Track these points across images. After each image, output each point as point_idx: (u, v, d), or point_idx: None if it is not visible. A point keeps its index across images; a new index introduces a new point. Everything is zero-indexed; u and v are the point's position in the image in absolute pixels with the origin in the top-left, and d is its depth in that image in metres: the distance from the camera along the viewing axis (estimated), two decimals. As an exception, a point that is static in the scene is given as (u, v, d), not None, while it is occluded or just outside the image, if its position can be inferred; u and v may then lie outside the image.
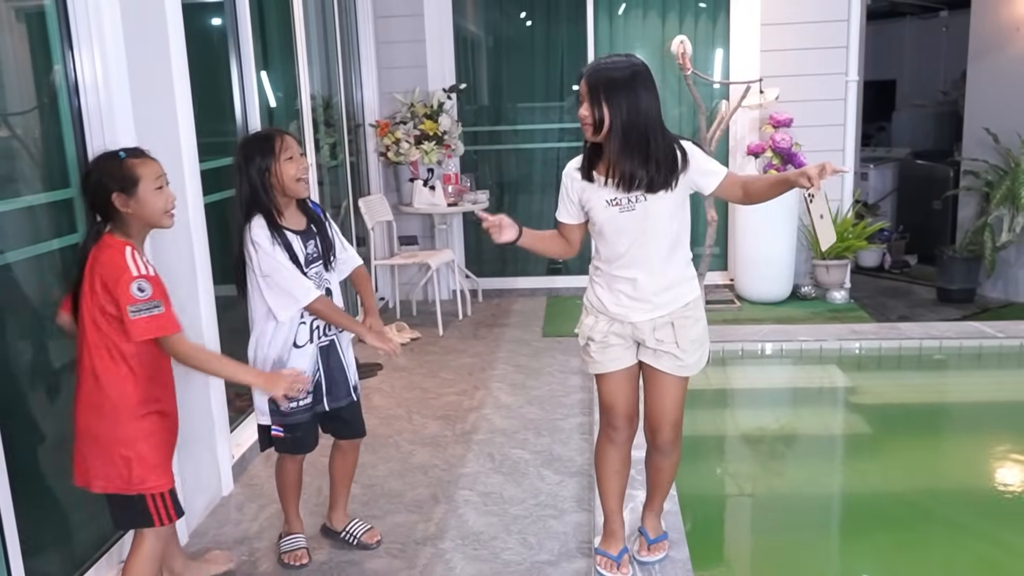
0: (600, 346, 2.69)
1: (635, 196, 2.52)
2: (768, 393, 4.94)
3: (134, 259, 2.26)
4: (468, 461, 3.79)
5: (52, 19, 2.69)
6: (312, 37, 5.33)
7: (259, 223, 2.70)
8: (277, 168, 2.68)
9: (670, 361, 2.64)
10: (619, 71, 2.49)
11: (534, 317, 6.16)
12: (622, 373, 2.72)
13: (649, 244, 2.57)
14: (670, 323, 2.62)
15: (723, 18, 6.38)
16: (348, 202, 5.92)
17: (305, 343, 2.81)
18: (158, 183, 2.33)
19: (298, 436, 2.89)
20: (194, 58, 3.35)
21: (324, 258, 2.84)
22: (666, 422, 2.73)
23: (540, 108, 6.85)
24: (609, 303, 2.66)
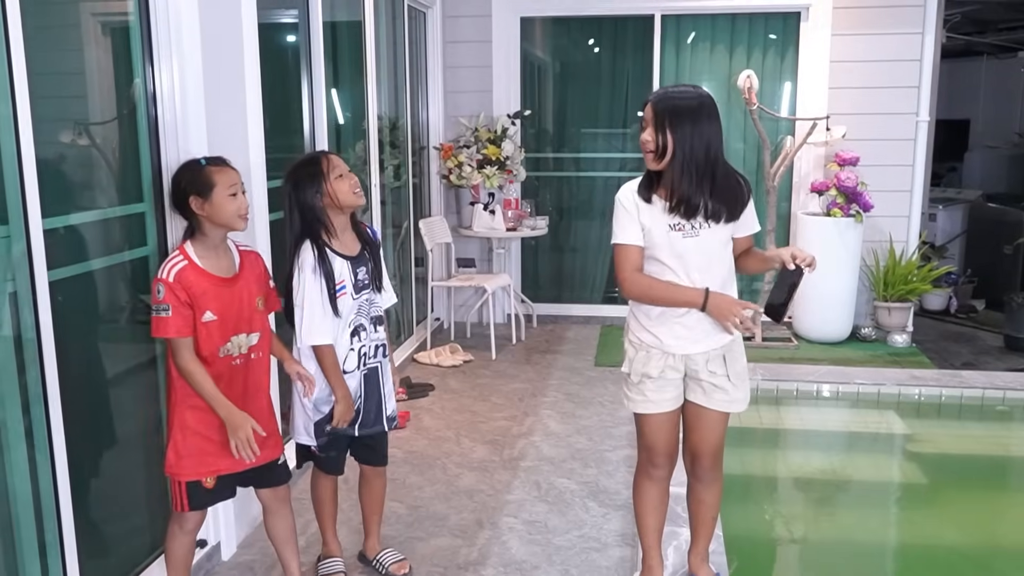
0: (658, 384, 2.65)
1: (697, 223, 2.54)
2: (822, 436, 4.84)
3: (170, 263, 2.46)
4: (514, 488, 3.80)
5: (136, 32, 2.80)
6: (382, 60, 5.44)
7: (307, 249, 2.73)
8: (329, 187, 2.72)
9: (722, 397, 2.64)
10: (686, 100, 2.51)
11: (587, 345, 6.16)
12: (670, 415, 2.71)
13: (709, 272, 2.58)
14: (722, 355, 2.63)
15: (792, 54, 6.34)
16: (409, 223, 6.01)
17: (353, 369, 2.84)
18: (232, 190, 2.51)
19: (331, 456, 2.92)
20: (267, 76, 3.46)
21: (375, 283, 2.87)
22: (708, 452, 2.73)
23: (603, 136, 6.88)
24: (664, 335, 2.63)
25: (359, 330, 2.83)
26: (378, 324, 2.90)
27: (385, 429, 2.95)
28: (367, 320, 2.85)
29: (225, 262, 2.58)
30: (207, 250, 2.53)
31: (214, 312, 2.49)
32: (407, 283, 6.11)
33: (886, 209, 6.01)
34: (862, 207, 5.78)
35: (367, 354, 2.86)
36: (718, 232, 2.56)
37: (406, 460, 4.11)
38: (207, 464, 2.55)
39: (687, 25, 6.47)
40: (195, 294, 2.45)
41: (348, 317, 2.79)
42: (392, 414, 2.98)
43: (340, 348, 2.79)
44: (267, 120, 3.45)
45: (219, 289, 2.51)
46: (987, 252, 7.54)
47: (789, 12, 6.28)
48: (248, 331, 2.60)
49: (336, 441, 2.89)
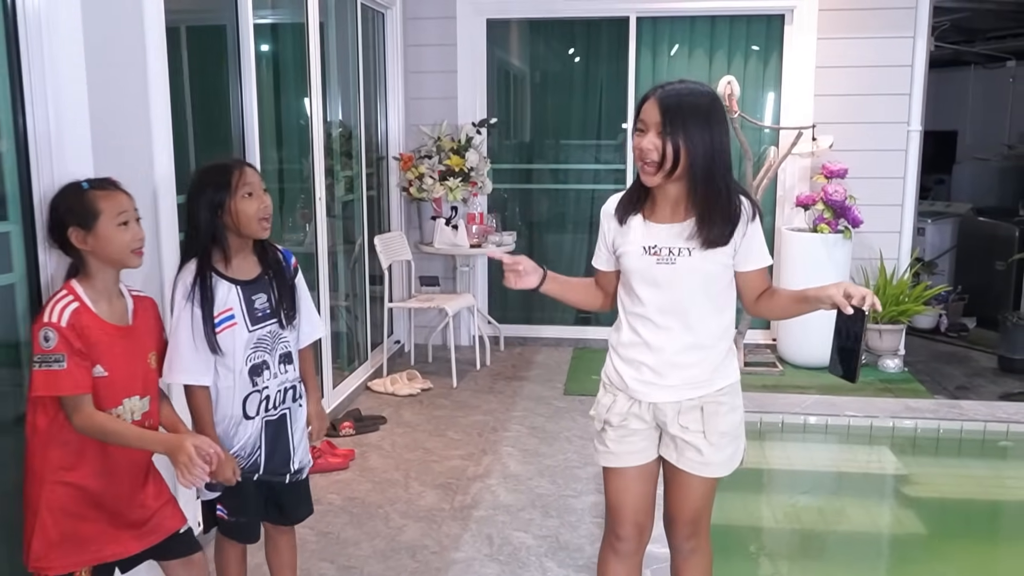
0: (619, 433, 2.25)
1: (680, 248, 2.10)
2: (809, 476, 4.40)
3: (59, 304, 2.01)
4: (463, 543, 3.34)
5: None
6: (330, 64, 5.00)
7: (188, 269, 2.30)
8: (232, 205, 2.29)
9: (694, 456, 2.20)
10: (700, 97, 2.06)
11: (557, 371, 5.72)
12: (638, 470, 2.28)
13: (687, 307, 2.14)
14: (699, 407, 2.18)
15: (775, 59, 5.95)
16: (363, 239, 5.55)
17: (253, 415, 2.38)
18: (122, 218, 2.07)
19: (242, 521, 2.46)
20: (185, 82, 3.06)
21: (278, 315, 2.41)
22: (683, 519, 2.29)
23: (575, 147, 6.46)
24: (629, 377, 2.22)
25: (261, 368, 2.38)
26: (287, 363, 2.45)
27: (285, 481, 2.49)
28: (272, 357, 2.40)
29: (118, 308, 2.15)
30: (97, 293, 2.09)
31: (104, 367, 2.05)
32: (361, 304, 5.65)
33: (876, 224, 5.62)
34: (851, 222, 5.38)
35: (271, 397, 2.41)
36: (707, 260, 2.11)
37: (345, 508, 3.65)
38: (87, 552, 2.10)
39: (664, 28, 6.08)
40: (88, 343, 2.01)
41: (244, 353, 2.34)
42: (300, 467, 2.52)
43: (238, 390, 2.34)
44: (185, 130, 3.02)
45: (113, 340, 2.08)
46: (978, 268, 7.18)
47: (772, 14, 5.89)
48: (141, 393, 2.16)
49: (244, 505, 2.43)
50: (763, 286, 2.21)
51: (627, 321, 2.24)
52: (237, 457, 2.37)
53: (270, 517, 2.56)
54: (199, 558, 2.34)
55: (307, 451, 2.56)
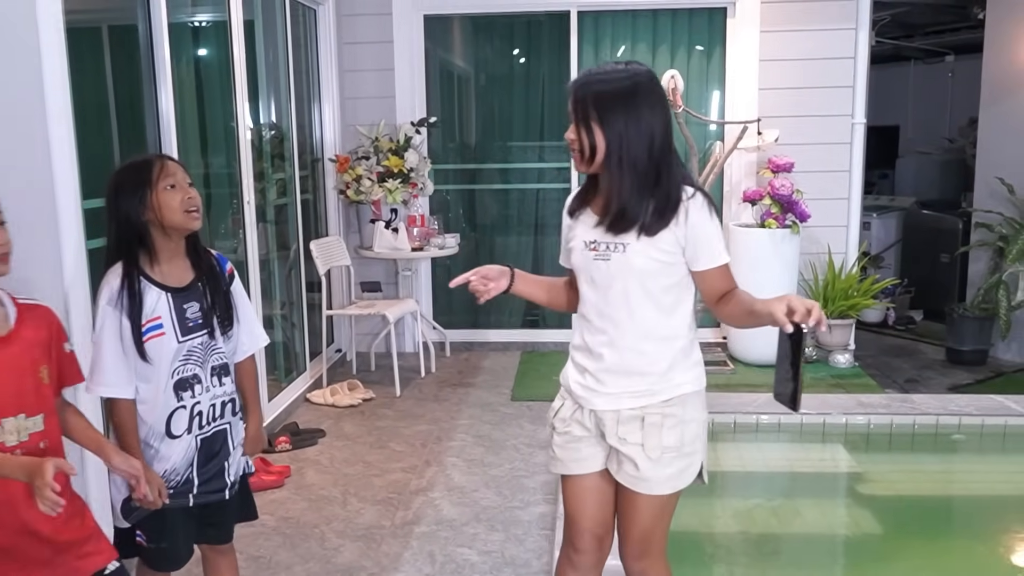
0: (564, 439, 2.12)
1: (616, 243, 1.95)
2: (763, 477, 4.29)
3: None
4: (404, 562, 3.15)
5: None
6: (259, 63, 4.78)
7: (115, 272, 2.12)
8: (154, 199, 2.10)
9: (629, 469, 2.04)
10: (615, 83, 1.93)
11: (504, 376, 5.55)
12: (590, 479, 2.13)
13: (625, 308, 1.99)
14: (640, 418, 2.01)
15: (719, 52, 5.85)
16: (299, 244, 5.32)
17: (181, 432, 2.20)
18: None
19: (164, 547, 2.25)
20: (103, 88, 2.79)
21: (210, 324, 2.23)
22: (631, 537, 2.14)
23: (518, 146, 6.29)
24: (574, 380, 2.10)
25: (191, 382, 2.19)
26: (223, 375, 2.27)
27: (225, 498, 2.31)
28: (203, 370, 2.21)
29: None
30: None
31: None
32: (298, 312, 5.42)
33: (823, 219, 5.55)
34: (798, 217, 5.30)
35: (203, 413, 2.22)
36: (641, 255, 1.95)
37: (277, 530, 3.44)
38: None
39: (606, 22, 5.95)
40: None
41: (171, 365, 2.15)
42: (234, 480, 2.33)
43: (162, 405, 2.15)
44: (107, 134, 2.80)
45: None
46: (924, 261, 7.19)
47: (715, 8, 5.81)
48: (29, 412, 1.91)
49: (170, 529, 2.22)
50: (723, 287, 2.02)
51: (577, 323, 2.13)
52: (165, 480, 2.17)
53: (206, 537, 2.37)
54: None
55: (240, 461, 2.36)
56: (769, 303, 1.82)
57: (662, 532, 2.14)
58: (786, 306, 1.77)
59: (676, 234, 1.96)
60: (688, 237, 1.97)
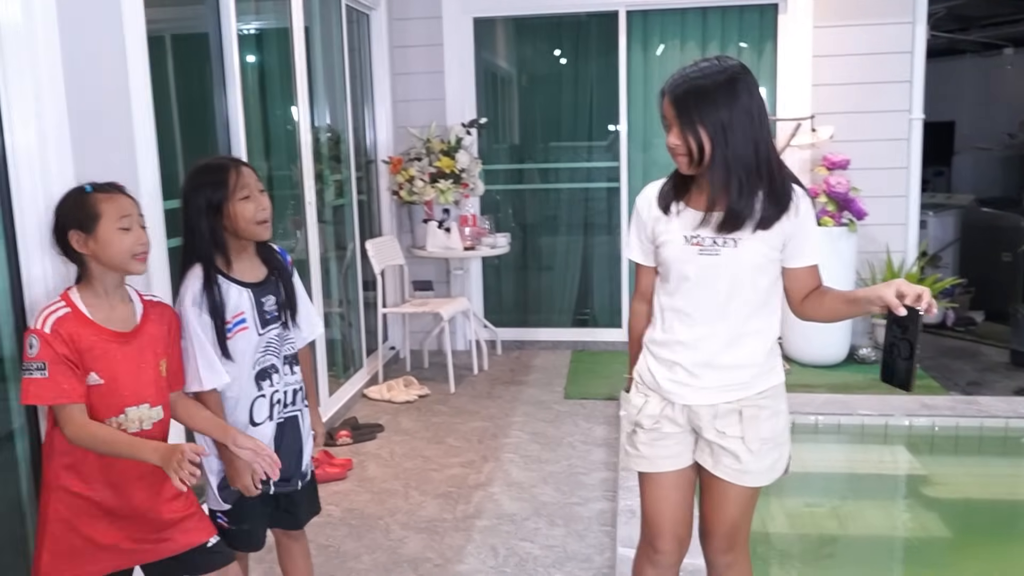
0: (651, 436, 2.10)
1: (726, 238, 1.95)
2: (822, 479, 4.23)
3: (48, 311, 1.93)
4: (467, 555, 3.19)
5: None
6: (317, 68, 4.86)
7: (195, 274, 2.18)
8: (230, 208, 2.16)
9: (731, 463, 2.04)
10: (713, 78, 1.89)
11: (556, 375, 5.56)
12: (674, 477, 2.13)
13: (728, 302, 1.99)
14: (738, 411, 2.02)
15: (770, 49, 5.82)
16: (355, 244, 5.40)
17: (263, 420, 2.28)
18: (124, 223, 1.98)
19: (245, 529, 2.33)
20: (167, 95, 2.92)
21: (284, 316, 2.31)
22: (718, 531, 2.14)
23: (567, 146, 6.31)
24: (662, 377, 2.08)
25: (269, 372, 2.28)
26: (293, 363, 2.35)
27: (298, 486, 2.39)
28: (279, 360, 2.30)
29: (122, 313, 2.03)
30: (97, 298, 1.99)
31: (101, 375, 1.94)
32: (355, 310, 5.50)
33: (880, 216, 5.48)
34: (855, 215, 5.25)
35: (281, 401, 2.31)
36: (752, 251, 1.96)
37: (344, 520, 3.50)
38: (96, 563, 2.00)
39: (655, 22, 5.94)
40: (78, 350, 1.90)
41: (253, 357, 2.24)
42: (306, 470, 2.42)
43: (245, 395, 2.24)
44: (172, 140, 2.90)
45: (109, 346, 1.96)
46: (984, 260, 7.03)
47: (766, 4, 5.76)
48: (152, 403, 2.04)
49: (249, 512, 2.31)
50: (812, 285, 2.03)
51: (662, 316, 2.10)
52: None
53: (280, 523, 2.45)
54: (233, 569, 2.21)
55: (311, 455, 2.46)
56: (876, 289, 1.84)
57: (748, 524, 2.15)
58: (895, 290, 1.79)
59: (785, 228, 1.96)
60: (795, 232, 1.97)
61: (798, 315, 2.09)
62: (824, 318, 2.05)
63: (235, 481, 2.22)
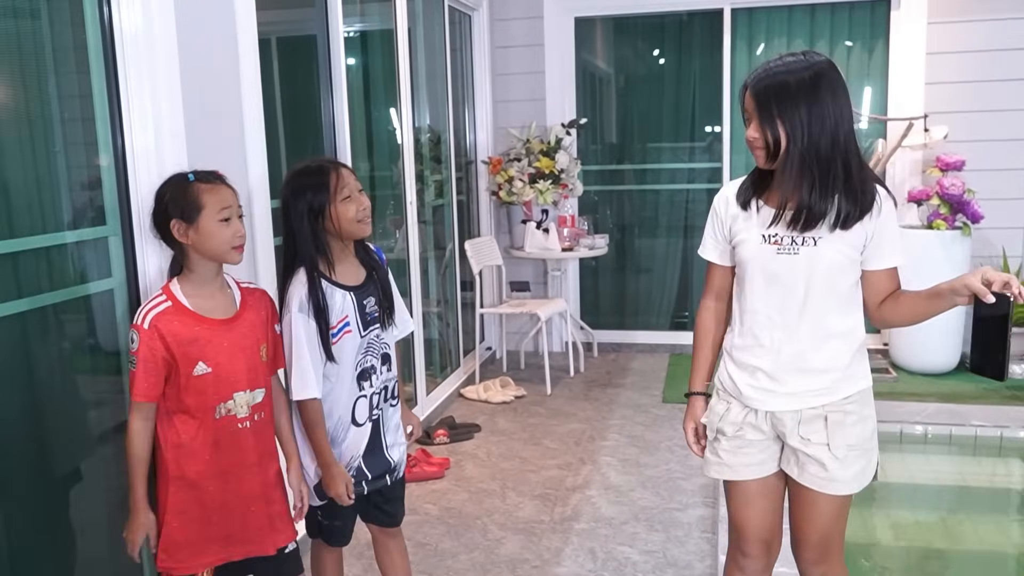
0: (733, 443, 2.06)
1: (805, 237, 1.91)
2: (933, 492, 4.08)
3: (149, 305, 1.99)
4: (565, 557, 3.19)
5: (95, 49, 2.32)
6: (419, 68, 4.94)
7: (299, 280, 2.20)
8: (333, 210, 2.20)
9: (817, 471, 1.98)
10: (796, 74, 1.86)
11: (654, 378, 5.51)
12: (758, 484, 2.09)
13: (808, 303, 1.94)
14: (823, 417, 1.96)
15: (881, 46, 5.63)
16: (454, 244, 5.47)
17: (364, 420, 2.32)
18: (224, 214, 2.02)
19: (336, 525, 2.41)
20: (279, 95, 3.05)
21: (383, 316, 2.34)
22: (809, 541, 2.08)
23: (668, 147, 6.24)
24: (743, 383, 2.03)
25: (369, 372, 2.31)
26: (388, 362, 2.38)
27: (388, 482, 2.41)
28: (377, 359, 2.33)
29: (221, 301, 2.08)
30: (197, 287, 2.04)
31: (208, 363, 2.00)
32: (453, 310, 5.56)
33: (997, 220, 5.24)
34: (970, 218, 5.03)
35: (377, 397, 2.35)
36: (832, 250, 1.91)
37: (441, 519, 3.54)
38: (201, 555, 2.07)
39: (760, 19, 5.82)
40: (183, 342, 1.96)
41: (355, 358, 2.27)
42: (395, 467, 2.42)
43: (346, 397, 2.27)
44: (278, 140, 2.98)
45: (213, 334, 2.02)
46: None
47: (877, 0, 5.58)
48: (254, 387, 2.10)
49: (342, 510, 2.35)
50: (891, 288, 1.98)
51: (741, 320, 2.06)
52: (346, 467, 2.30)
53: (376, 520, 2.49)
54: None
55: (404, 449, 2.47)
56: (962, 278, 1.77)
57: (840, 533, 2.08)
58: (982, 277, 1.73)
59: (867, 229, 1.91)
60: (875, 233, 1.92)
61: (875, 320, 2.02)
62: (904, 320, 1.98)
63: (329, 489, 2.26)
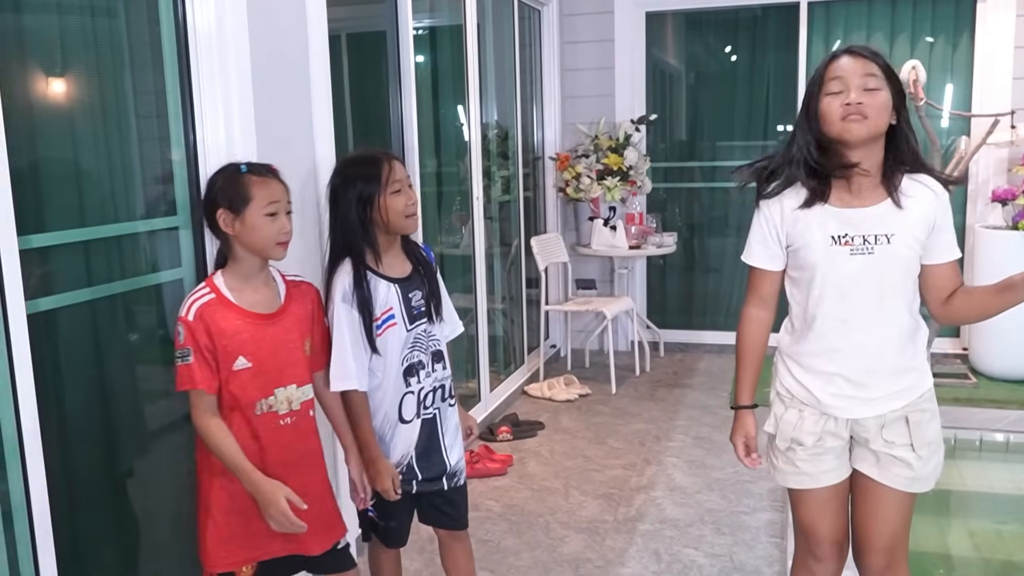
0: (813, 453, 2.00)
1: (878, 235, 1.85)
2: (1015, 501, 3.93)
3: (192, 297, 1.97)
4: (629, 558, 3.14)
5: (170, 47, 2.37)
6: (488, 64, 4.93)
7: (345, 269, 2.20)
8: (382, 201, 2.18)
9: (902, 471, 1.94)
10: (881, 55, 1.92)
11: (721, 379, 5.42)
12: (834, 489, 2.03)
13: (887, 305, 1.89)
14: (904, 418, 1.92)
15: (966, 40, 5.43)
16: (520, 240, 5.45)
17: (412, 418, 2.29)
18: (271, 208, 1.99)
19: (392, 526, 2.38)
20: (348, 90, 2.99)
21: (430, 311, 2.31)
22: (880, 546, 2.02)
23: (740, 145, 6.12)
24: (820, 391, 1.97)
25: (416, 368, 2.28)
26: (439, 360, 2.35)
27: (444, 487, 2.37)
28: (426, 356, 2.30)
29: (265, 295, 2.07)
30: (241, 280, 2.03)
31: (248, 358, 1.98)
32: (518, 306, 5.55)
33: (1088, 221, 5.01)
34: (1058, 219, 4.82)
35: (426, 398, 2.31)
36: (904, 248, 1.86)
37: (503, 516, 3.53)
38: (245, 550, 2.05)
39: (839, 13, 5.67)
40: (224, 335, 1.95)
41: (401, 353, 2.25)
42: (454, 470, 2.39)
43: (393, 392, 2.26)
44: (346, 137, 3.00)
45: (255, 329, 2.00)
46: None
47: (963, -8, 5.39)
48: (299, 383, 2.08)
49: (394, 509, 2.34)
50: (956, 283, 1.94)
51: (808, 325, 1.98)
52: (396, 464, 2.29)
53: (436, 522, 2.46)
54: (353, 574, 2.26)
55: (462, 455, 2.43)
56: None
57: (907, 537, 2.04)
58: None
59: (926, 216, 1.89)
60: (937, 221, 1.90)
61: (941, 318, 1.99)
62: (972, 316, 1.95)
63: (375, 483, 2.24)
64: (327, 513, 2.18)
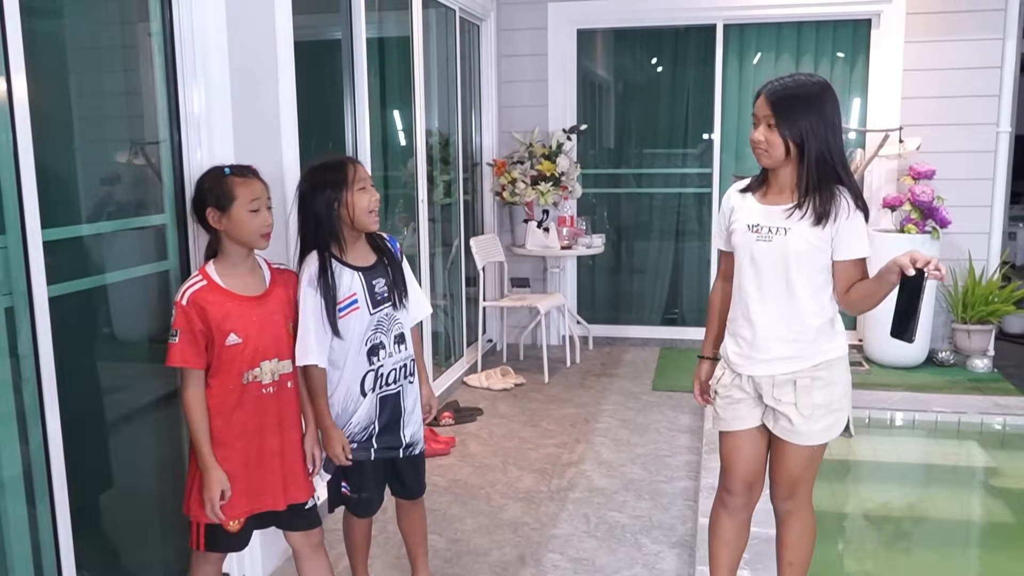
0: (725, 401, 2.48)
1: (778, 227, 2.31)
2: (897, 468, 4.49)
3: (187, 284, 2.29)
4: (561, 521, 3.57)
5: (158, 54, 2.70)
6: (432, 75, 5.31)
7: (312, 259, 2.51)
8: (349, 198, 2.50)
9: (785, 424, 2.38)
10: (806, 88, 2.26)
11: (645, 369, 5.90)
12: (744, 435, 2.48)
13: (780, 284, 2.33)
14: (792, 381, 2.35)
15: (862, 62, 6.02)
16: (460, 241, 5.85)
17: (370, 392, 2.60)
18: (254, 205, 2.31)
19: (364, 496, 2.70)
20: (307, 93, 3.35)
21: (393, 297, 2.63)
22: (780, 480, 2.48)
23: (663, 152, 6.63)
24: (731, 350, 2.46)
25: (378, 349, 2.60)
26: (401, 342, 2.66)
27: (400, 455, 2.70)
28: (387, 338, 2.62)
29: (252, 281, 2.39)
30: (230, 268, 2.35)
31: (239, 334, 2.30)
32: (457, 303, 5.94)
33: (964, 225, 5.64)
34: (939, 223, 5.43)
35: (386, 375, 2.62)
36: (796, 240, 2.29)
37: (448, 489, 3.92)
38: (232, 507, 2.35)
39: (751, 35, 6.22)
40: (216, 317, 2.26)
41: (364, 335, 2.56)
42: (412, 440, 2.72)
43: (357, 368, 2.56)
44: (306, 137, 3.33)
45: (244, 309, 2.32)
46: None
47: (859, 19, 5.98)
48: (279, 357, 2.41)
49: (367, 481, 2.67)
50: (856, 277, 2.34)
51: (735, 297, 2.46)
52: (352, 433, 2.59)
53: (397, 492, 2.79)
54: (318, 535, 2.56)
55: (420, 427, 2.76)
56: (895, 258, 2.11)
57: (809, 478, 2.46)
58: (909, 256, 2.08)
59: (830, 226, 2.28)
60: (839, 230, 2.28)
61: (844, 304, 2.39)
62: (863, 301, 2.31)
63: (327, 448, 2.54)
64: (298, 473, 2.48)
